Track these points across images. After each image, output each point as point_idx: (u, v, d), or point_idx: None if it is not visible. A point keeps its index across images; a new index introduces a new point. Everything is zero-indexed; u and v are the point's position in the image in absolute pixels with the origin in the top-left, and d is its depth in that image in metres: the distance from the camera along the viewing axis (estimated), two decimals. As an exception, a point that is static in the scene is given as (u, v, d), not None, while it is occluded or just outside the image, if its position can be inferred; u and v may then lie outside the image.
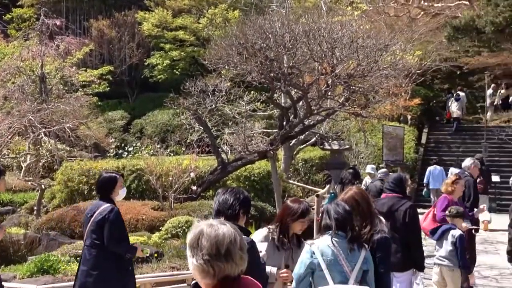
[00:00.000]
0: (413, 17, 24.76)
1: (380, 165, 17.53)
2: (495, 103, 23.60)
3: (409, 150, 20.26)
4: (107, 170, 8.27)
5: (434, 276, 6.46)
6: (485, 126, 22.00)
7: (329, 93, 10.74)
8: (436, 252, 6.50)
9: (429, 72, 22.57)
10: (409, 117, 22.92)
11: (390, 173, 11.04)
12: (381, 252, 4.01)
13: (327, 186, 13.80)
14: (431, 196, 16.16)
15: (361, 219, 4.07)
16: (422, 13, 25.79)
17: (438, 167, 16.66)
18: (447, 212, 6.57)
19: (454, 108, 23.26)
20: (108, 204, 5.24)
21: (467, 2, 25.17)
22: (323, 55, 10.00)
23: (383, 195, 5.77)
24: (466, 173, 8.23)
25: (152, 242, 9.49)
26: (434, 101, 26.86)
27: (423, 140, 22.83)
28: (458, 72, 25.33)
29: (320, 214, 3.79)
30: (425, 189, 17.09)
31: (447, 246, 6.31)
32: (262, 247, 4.05)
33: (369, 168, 11.55)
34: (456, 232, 6.30)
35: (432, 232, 6.51)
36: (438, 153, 20.59)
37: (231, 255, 2.14)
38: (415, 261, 5.48)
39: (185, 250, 2.34)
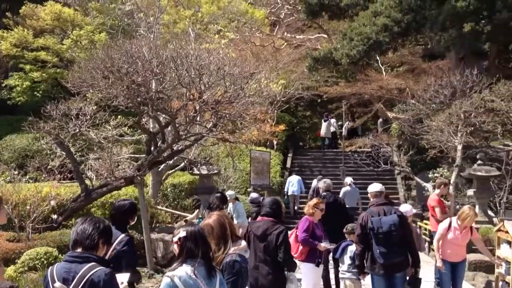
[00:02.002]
0: (277, 48, 25.97)
1: (248, 189, 18.00)
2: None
3: (275, 174, 21.01)
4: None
5: None
6: (343, 151, 23.57)
7: (197, 119, 10.83)
8: (340, 268, 7.32)
9: (293, 100, 23.74)
10: (275, 142, 23.82)
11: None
12: (227, 274, 4.13)
13: (196, 211, 13.81)
14: (290, 203, 19.12)
15: (215, 243, 4.15)
16: (285, 44, 27.15)
17: (297, 177, 19.76)
18: (344, 229, 7.51)
19: (323, 129, 25.66)
20: None
21: (325, 36, 27.03)
22: (191, 81, 10.09)
23: (259, 218, 5.94)
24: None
25: (6, 276, 8.77)
26: (298, 127, 28.25)
27: (288, 164, 23.81)
28: (318, 100, 26.95)
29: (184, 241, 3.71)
30: (285, 197, 19.45)
31: (347, 260, 7.17)
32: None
33: (229, 193, 11.67)
34: (353, 247, 6.96)
35: (334, 252, 7.34)
36: (302, 177, 21.61)
37: None
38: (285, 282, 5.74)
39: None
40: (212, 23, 24.46)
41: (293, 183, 19.50)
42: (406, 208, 7.83)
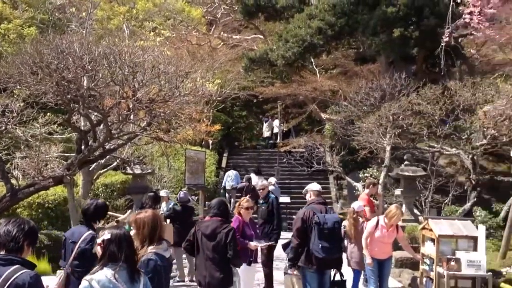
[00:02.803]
0: (214, 47, 25.94)
1: (183, 189, 17.86)
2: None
3: (210, 174, 20.96)
4: None
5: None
6: (277, 151, 23.86)
7: (131, 117, 10.63)
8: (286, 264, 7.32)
9: (229, 100, 23.78)
10: (210, 142, 23.78)
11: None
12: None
13: (128, 212, 13.55)
14: (228, 197, 19.42)
15: (140, 240, 4.17)
16: (222, 43, 27.17)
17: (234, 172, 20.27)
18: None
19: (264, 129, 26.39)
20: None
21: (262, 36, 27.26)
22: (124, 79, 9.89)
23: (207, 218, 6.17)
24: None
25: None
26: (234, 127, 28.33)
27: (224, 164, 23.84)
28: (254, 100, 27.13)
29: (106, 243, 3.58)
30: (222, 191, 20.17)
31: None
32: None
33: (163, 193, 11.57)
34: None
35: (284, 248, 7.35)
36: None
37: None
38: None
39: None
40: (148, 20, 24.09)
41: (231, 177, 20.09)
42: (358, 204, 8.71)
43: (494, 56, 23.06)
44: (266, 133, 26.27)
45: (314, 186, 7.07)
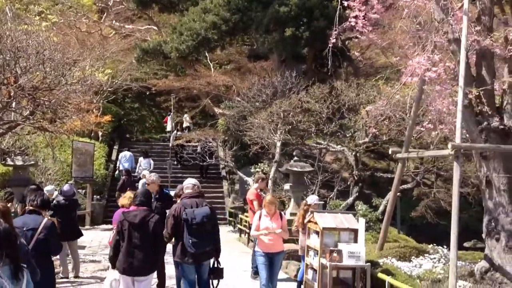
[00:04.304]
0: (105, 36, 25.09)
1: (69, 182, 17.12)
2: (172, 127, 25.67)
3: (99, 166, 20.30)
4: None
5: None
6: (170, 145, 23.61)
7: (12, 105, 10.02)
8: None
9: (120, 91, 23.15)
10: (100, 133, 22.98)
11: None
12: None
13: (8, 205, 12.75)
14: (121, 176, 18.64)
15: None
16: (114, 32, 26.34)
17: (128, 153, 20.52)
18: None
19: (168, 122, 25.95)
20: None
21: (156, 28, 26.80)
22: (5, 64, 9.30)
23: (133, 208, 6.50)
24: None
25: None
26: (125, 119, 27.63)
27: (114, 157, 23.15)
28: (147, 93, 26.63)
29: None
30: (117, 172, 20.43)
31: None
32: None
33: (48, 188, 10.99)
34: None
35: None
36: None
37: None
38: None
39: None
40: (34, 4, 22.72)
41: (126, 158, 20.19)
42: (311, 198, 9.15)
43: (378, 59, 24.56)
44: (169, 127, 25.86)
45: (189, 181, 7.23)
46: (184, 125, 25.73)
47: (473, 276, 8.31)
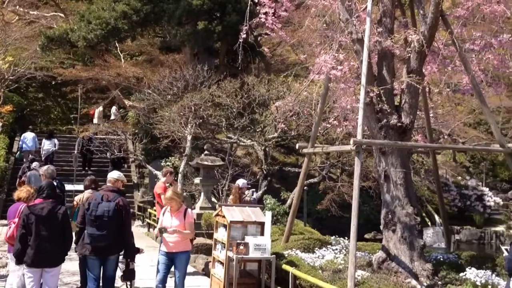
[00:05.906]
0: (7, 21, 23.70)
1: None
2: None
3: (-2, 158, 19.18)
4: None
5: None
6: (77, 136, 22.72)
7: None
8: None
9: (23, 80, 22.04)
10: (0, 124, 21.70)
11: None
12: None
13: None
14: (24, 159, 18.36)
15: None
16: (17, 18, 24.97)
17: (32, 134, 19.96)
18: None
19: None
20: None
21: (62, 15, 25.70)
22: None
23: (38, 200, 6.43)
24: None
25: None
26: (28, 109, 26.36)
27: (15, 149, 21.95)
28: (53, 82, 25.52)
29: None
30: (19, 152, 20.21)
31: None
32: None
33: None
34: None
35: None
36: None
37: None
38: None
39: None
40: None
41: (28, 140, 19.70)
42: (242, 181, 10.61)
43: (288, 56, 25.10)
44: (96, 119, 24.90)
45: (112, 174, 7.29)
46: (112, 117, 24.89)
47: (371, 266, 8.73)
